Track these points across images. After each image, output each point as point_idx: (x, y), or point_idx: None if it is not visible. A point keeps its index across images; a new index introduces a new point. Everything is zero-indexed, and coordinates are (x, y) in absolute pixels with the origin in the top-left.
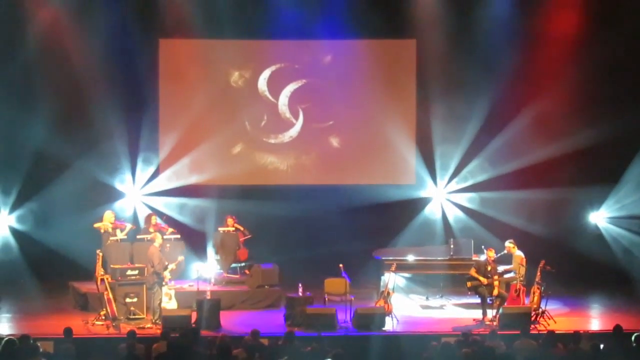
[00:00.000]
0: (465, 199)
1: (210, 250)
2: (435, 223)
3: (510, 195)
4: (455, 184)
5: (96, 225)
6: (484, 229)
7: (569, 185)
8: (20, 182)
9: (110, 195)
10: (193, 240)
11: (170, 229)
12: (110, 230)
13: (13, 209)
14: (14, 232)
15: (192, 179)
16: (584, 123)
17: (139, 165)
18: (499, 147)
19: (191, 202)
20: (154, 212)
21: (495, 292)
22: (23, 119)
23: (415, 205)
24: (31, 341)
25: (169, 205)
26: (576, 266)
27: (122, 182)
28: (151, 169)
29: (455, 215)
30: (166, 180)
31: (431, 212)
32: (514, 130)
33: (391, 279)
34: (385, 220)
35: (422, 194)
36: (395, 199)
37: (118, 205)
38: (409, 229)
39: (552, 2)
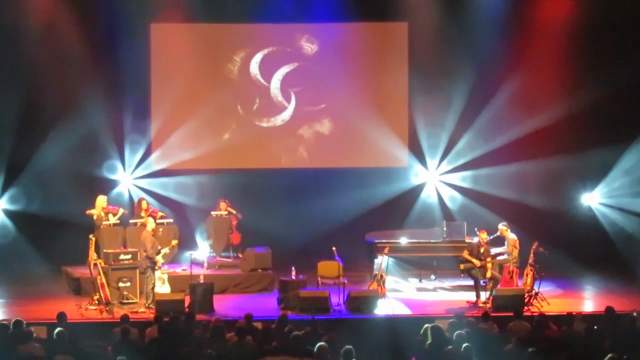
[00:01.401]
0: (458, 179)
1: (201, 234)
2: (428, 205)
3: (503, 171)
4: (448, 165)
5: (88, 211)
6: (479, 207)
7: (562, 165)
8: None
9: (102, 182)
10: (185, 224)
11: (160, 213)
12: (102, 215)
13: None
14: (8, 214)
15: (184, 163)
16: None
17: (130, 151)
18: (488, 125)
19: (183, 185)
20: (144, 197)
21: (489, 274)
22: (9, 104)
23: (408, 188)
24: (24, 326)
25: (162, 188)
26: (569, 248)
27: (113, 168)
28: (143, 154)
29: (449, 196)
30: (158, 165)
31: (424, 194)
32: (505, 109)
33: (384, 262)
34: (377, 203)
35: (415, 176)
36: (387, 181)
37: (111, 191)
38: (402, 212)
39: None
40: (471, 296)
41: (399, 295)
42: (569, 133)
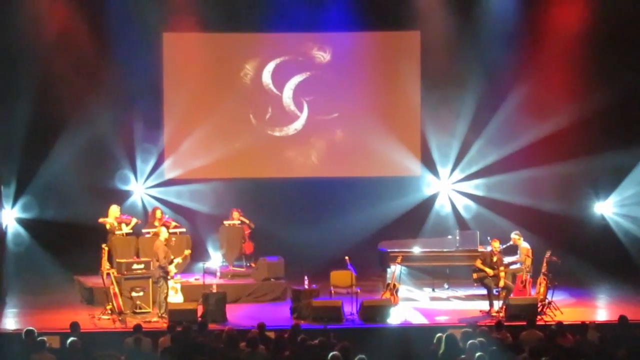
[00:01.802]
0: (470, 187)
1: (213, 244)
2: (441, 213)
3: (515, 178)
4: (460, 173)
5: (101, 220)
6: (492, 215)
7: (575, 173)
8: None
9: (115, 192)
10: (198, 233)
11: (174, 223)
12: (115, 224)
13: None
14: (21, 224)
15: (197, 173)
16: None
17: (142, 160)
18: (500, 133)
19: (195, 195)
20: (158, 206)
21: (502, 283)
22: (19, 112)
23: (420, 197)
24: (36, 335)
25: (174, 198)
26: (582, 256)
27: (126, 178)
28: (155, 163)
29: (461, 205)
30: (170, 174)
31: (437, 202)
32: (516, 116)
33: (397, 271)
34: (390, 212)
35: (428, 185)
36: (400, 190)
37: (125, 201)
38: (415, 221)
39: None
40: (484, 305)
41: (412, 304)
42: (581, 140)
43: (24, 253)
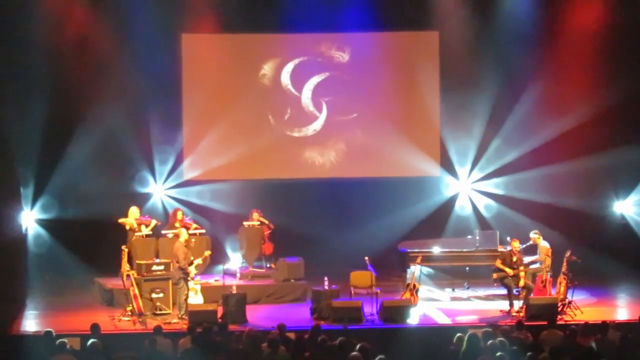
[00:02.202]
0: (490, 186)
1: (233, 244)
2: (461, 214)
3: (534, 176)
4: (479, 173)
5: (121, 220)
6: (512, 213)
7: (595, 172)
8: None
9: (135, 193)
10: (217, 234)
11: (195, 225)
12: (135, 226)
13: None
14: (41, 224)
15: (216, 174)
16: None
17: (161, 161)
18: (519, 132)
19: (215, 196)
20: (179, 207)
21: (522, 283)
22: (36, 113)
23: (440, 197)
24: (54, 337)
25: (194, 199)
26: (602, 256)
27: (145, 180)
28: (174, 164)
29: (482, 204)
30: (189, 175)
31: (457, 202)
32: (535, 115)
33: (417, 271)
34: (410, 213)
35: (447, 185)
36: (420, 191)
37: (145, 203)
38: (435, 221)
39: None
40: (504, 305)
41: (432, 304)
42: (600, 138)
43: (45, 254)
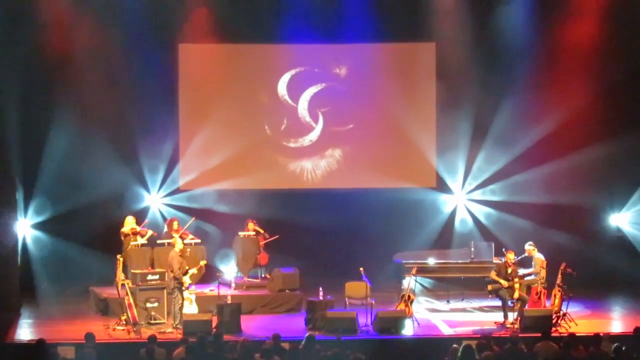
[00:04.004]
0: (486, 197)
1: (227, 255)
2: (458, 224)
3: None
4: (474, 183)
5: (123, 230)
6: (508, 223)
7: (589, 187)
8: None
9: (132, 203)
10: (212, 244)
11: (191, 236)
12: (130, 235)
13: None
14: (37, 228)
15: (212, 184)
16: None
17: (157, 172)
18: (517, 144)
19: (210, 206)
20: (175, 217)
21: (516, 294)
22: (40, 128)
23: (436, 208)
24: (47, 346)
25: (188, 209)
26: (597, 268)
27: (141, 190)
28: (169, 174)
29: (478, 214)
30: (185, 185)
31: (453, 212)
32: (533, 130)
33: (412, 283)
34: (405, 224)
35: (443, 195)
36: (416, 202)
37: (142, 212)
38: (430, 232)
39: (572, 8)
40: (499, 317)
41: (426, 315)
42: (597, 151)
43: (48, 256)
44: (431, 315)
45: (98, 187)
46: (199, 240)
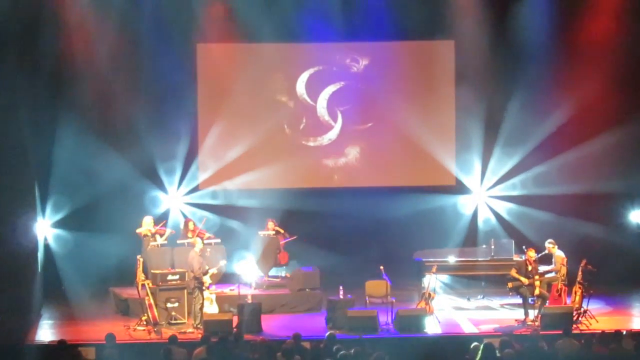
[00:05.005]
0: (506, 196)
1: (248, 254)
2: (476, 222)
3: (547, 191)
4: (495, 182)
5: (138, 230)
6: (526, 222)
7: (610, 181)
8: (55, 192)
9: (150, 202)
10: (233, 244)
11: (208, 234)
12: (150, 235)
13: (52, 213)
14: (57, 226)
15: (232, 183)
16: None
17: (177, 171)
18: (537, 143)
19: (230, 205)
20: (191, 218)
21: (537, 292)
22: (54, 127)
23: (455, 207)
24: (68, 346)
25: (209, 209)
26: (618, 265)
27: (162, 189)
28: (190, 174)
29: (498, 212)
30: (205, 185)
31: (472, 211)
32: (552, 127)
33: (432, 281)
34: (424, 222)
35: (463, 194)
36: (435, 200)
37: (163, 213)
38: (451, 230)
39: (592, 5)
40: (520, 314)
41: (447, 314)
42: (617, 150)
43: (71, 252)
44: (452, 313)
45: (113, 179)
46: (218, 240)
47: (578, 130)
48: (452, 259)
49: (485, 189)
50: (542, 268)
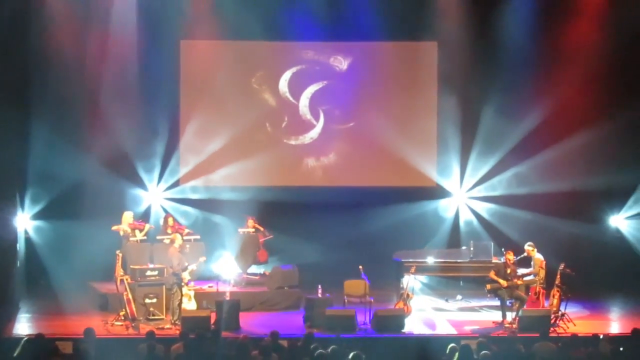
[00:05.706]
0: (486, 197)
1: (227, 252)
2: (456, 223)
3: (526, 191)
4: (475, 184)
5: (114, 227)
6: (507, 224)
7: (590, 185)
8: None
9: (129, 199)
10: (212, 241)
11: (187, 230)
12: (129, 230)
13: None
14: (37, 218)
15: (213, 180)
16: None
17: (158, 167)
18: (518, 144)
19: (211, 203)
20: (170, 214)
21: (515, 294)
22: (34, 126)
23: (436, 207)
24: (47, 341)
25: (189, 205)
26: (596, 269)
27: (142, 185)
28: (171, 171)
29: (476, 216)
30: (185, 182)
31: (452, 212)
32: (534, 128)
33: (411, 281)
34: (405, 222)
35: (443, 195)
36: (416, 200)
37: (144, 208)
38: (430, 231)
39: (574, 9)
40: (497, 316)
41: (425, 314)
42: (597, 152)
43: (51, 243)
44: (431, 313)
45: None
46: (198, 237)
47: (554, 131)
48: (431, 260)
49: (465, 191)
50: (520, 271)
